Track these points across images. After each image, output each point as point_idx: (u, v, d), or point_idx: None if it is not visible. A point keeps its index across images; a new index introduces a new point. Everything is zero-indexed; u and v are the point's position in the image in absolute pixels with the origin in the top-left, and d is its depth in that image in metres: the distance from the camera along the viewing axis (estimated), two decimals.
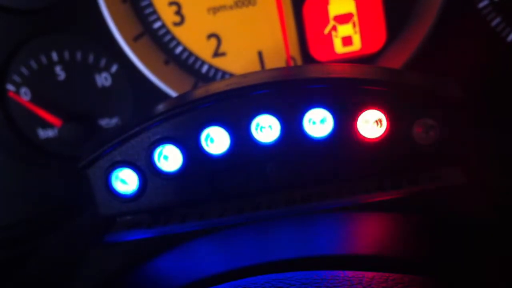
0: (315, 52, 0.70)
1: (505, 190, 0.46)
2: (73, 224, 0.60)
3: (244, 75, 0.52)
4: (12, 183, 0.71)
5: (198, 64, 0.71)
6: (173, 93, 0.68)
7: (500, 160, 0.50)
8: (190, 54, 0.71)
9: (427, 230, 0.43)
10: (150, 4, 0.69)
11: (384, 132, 0.47)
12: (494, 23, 0.65)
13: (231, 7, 0.68)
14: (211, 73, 0.71)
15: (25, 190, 0.72)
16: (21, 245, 0.64)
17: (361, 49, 0.69)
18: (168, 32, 0.70)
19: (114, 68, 0.69)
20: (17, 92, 0.70)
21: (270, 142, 0.48)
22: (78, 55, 0.69)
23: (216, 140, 0.48)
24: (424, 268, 0.37)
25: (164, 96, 0.69)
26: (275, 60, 0.70)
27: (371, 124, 0.47)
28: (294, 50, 0.70)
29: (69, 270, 0.49)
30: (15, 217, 0.71)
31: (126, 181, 0.50)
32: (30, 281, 0.51)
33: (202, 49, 0.71)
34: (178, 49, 0.71)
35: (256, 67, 0.71)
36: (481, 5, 0.64)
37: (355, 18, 0.68)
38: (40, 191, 0.71)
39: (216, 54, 0.71)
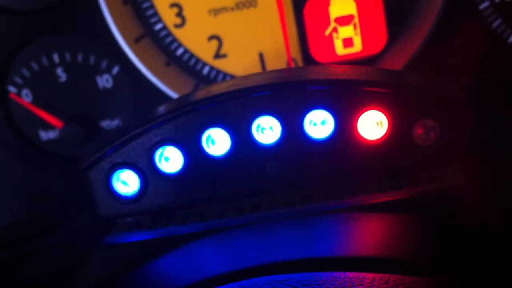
0: (316, 53, 0.70)
1: (505, 190, 0.46)
2: (73, 225, 0.60)
3: (245, 77, 0.52)
4: (13, 184, 0.72)
5: (199, 65, 0.71)
6: (174, 95, 0.69)
7: (500, 160, 0.50)
8: (191, 55, 0.71)
9: (428, 231, 0.43)
10: (151, 6, 0.69)
11: (385, 133, 0.47)
12: (495, 24, 0.65)
13: (232, 9, 0.69)
14: (212, 74, 0.71)
15: (26, 191, 0.72)
16: (21, 245, 0.64)
17: (362, 51, 0.69)
18: (169, 34, 0.70)
19: (115, 70, 0.69)
20: (18, 93, 0.70)
21: (271, 144, 0.48)
22: (79, 57, 0.69)
23: (217, 142, 0.48)
24: (424, 269, 0.37)
25: (165, 97, 0.69)
26: (276, 62, 0.70)
27: (372, 125, 0.47)
28: (295, 52, 0.70)
29: (70, 271, 0.49)
30: (16, 217, 0.71)
31: (127, 182, 0.50)
32: (30, 282, 0.51)
33: (203, 51, 0.71)
34: (179, 51, 0.71)
35: (257, 68, 0.71)
36: (482, 6, 0.64)
37: (356, 20, 0.68)
38: (41, 192, 0.72)
39: (217, 55, 0.71)
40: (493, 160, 0.49)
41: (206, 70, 0.71)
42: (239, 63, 0.71)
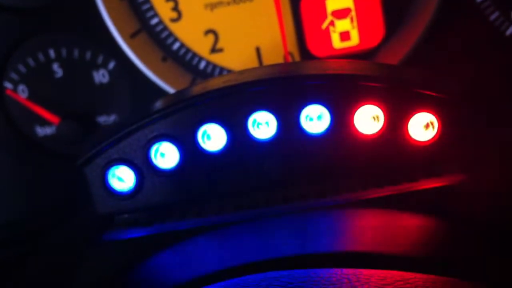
0: (313, 47, 0.69)
1: (504, 189, 0.46)
2: (71, 223, 0.60)
3: (241, 72, 0.52)
4: (9, 180, 0.71)
5: (195, 60, 0.71)
6: (170, 90, 0.68)
7: (500, 157, 0.49)
8: (188, 50, 0.71)
9: (424, 227, 0.43)
10: (147, 1, 0.69)
11: (381, 128, 0.47)
12: (492, 17, 0.64)
13: (228, 3, 0.68)
14: (209, 69, 0.71)
15: (23, 187, 0.72)
16: (18, 244, 0.64)
17: (359, 44, 0.69)
18: (165, 28, 0.70)
19: (111, 65, 0.69)
20: (15, 89, 0.70)
21: (267, 139, 0.48)
22: (76, 52, 0.69)
23: (213, 137, 0.48)
24: (422, 265, 0.37)
25: (161, 92, 0.69)
26: (273, 56, 0.70)
27: (368, 120, 0.47)
28: (292, 46, 0.70)
29: (68, 269, 0.49)
30: (13, 214, 0.71)
31: (123, 178, 0.50)
32: (28, 281, 0.51)
33: (200, 45, 0.70)
34: (176, 46, 0.70)
35: (254, 63, 0.70)
36: None
37: (353, 13, 0.68)
38: (38, 188, 0.71)
39: (214, 50, 0.70)
40: (492, 157, 0.49)
41: (202, 64, 0.71)
42: (236, 57, 0.70)
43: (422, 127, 0.47)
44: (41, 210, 0.71)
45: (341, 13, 0.68)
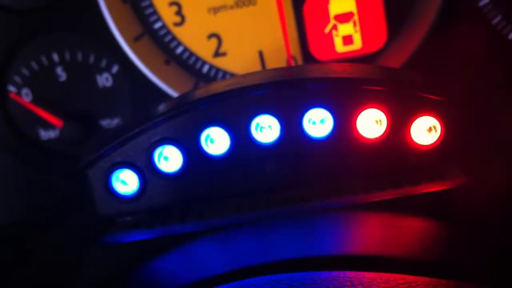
0: (316, 51, 0.70)
1: (507, 192, 0.46)
2: (73, 225, 0.60)
3: (244, 75, 0.52)
4: (13, 183, 0.71)
5: (198, 64, 0.71)
6: (174, 93, 0.68)
7: (501, 159, 0.49)
8: (191, 54, 0.71)
9: (428, 230, 0.43)
10: (151, 5, 0.69)
11: (384, 131, 0.47)
12: (495, 21, 0.65)
13: (231, 7, 0.68)
14: (212, 73, 0.71)
15: (26, 190, 0.72)
16: (20, 244, 0.64)
17: (361, 48, 0.69)
18: (168, 32, 0.70)
19: (115, 69, 0.69)
20: (18, 93, 0.70)
21: (270, 143, 0.48)
22: (79, 56, 0.69)
23: (216, 141, 0.48)
24: (424, 268, 0.37)
25: (165, 96, 0.69)
26: (276, 60, 0.70)
27: (371, 123, 0.47)
28: (295, 50, 0.70)
29: (69, 271, 0.49)
30: (16, 216, 0.71)
31: (126, 182, 0.50)
32: (29, 281, 0.51)
33: (203, 49, 0.70)
34: (179, 49, 0.71)
35: (257, 66, 0.71)
36: (482, 3, 0.64)
37: (356, 17, 0.68)
38: (41, 191, 0.71)
39: (217, 54, 0.70)
40: (494, 160, 0.49)
41: (205, 68, 0.71)
42: (239, 61, 0.71)
43: (425, 130, 0.47)
44: (44, 212, 0.71)
45: (343, 17, 0.68)
